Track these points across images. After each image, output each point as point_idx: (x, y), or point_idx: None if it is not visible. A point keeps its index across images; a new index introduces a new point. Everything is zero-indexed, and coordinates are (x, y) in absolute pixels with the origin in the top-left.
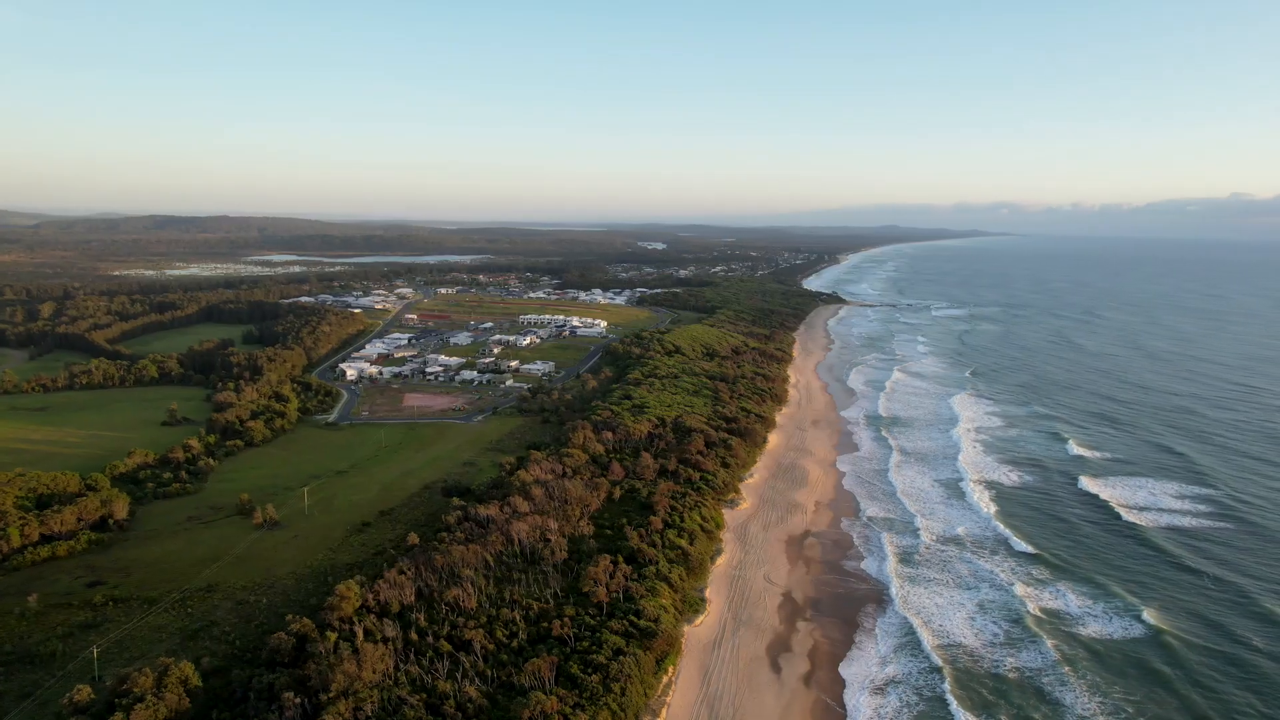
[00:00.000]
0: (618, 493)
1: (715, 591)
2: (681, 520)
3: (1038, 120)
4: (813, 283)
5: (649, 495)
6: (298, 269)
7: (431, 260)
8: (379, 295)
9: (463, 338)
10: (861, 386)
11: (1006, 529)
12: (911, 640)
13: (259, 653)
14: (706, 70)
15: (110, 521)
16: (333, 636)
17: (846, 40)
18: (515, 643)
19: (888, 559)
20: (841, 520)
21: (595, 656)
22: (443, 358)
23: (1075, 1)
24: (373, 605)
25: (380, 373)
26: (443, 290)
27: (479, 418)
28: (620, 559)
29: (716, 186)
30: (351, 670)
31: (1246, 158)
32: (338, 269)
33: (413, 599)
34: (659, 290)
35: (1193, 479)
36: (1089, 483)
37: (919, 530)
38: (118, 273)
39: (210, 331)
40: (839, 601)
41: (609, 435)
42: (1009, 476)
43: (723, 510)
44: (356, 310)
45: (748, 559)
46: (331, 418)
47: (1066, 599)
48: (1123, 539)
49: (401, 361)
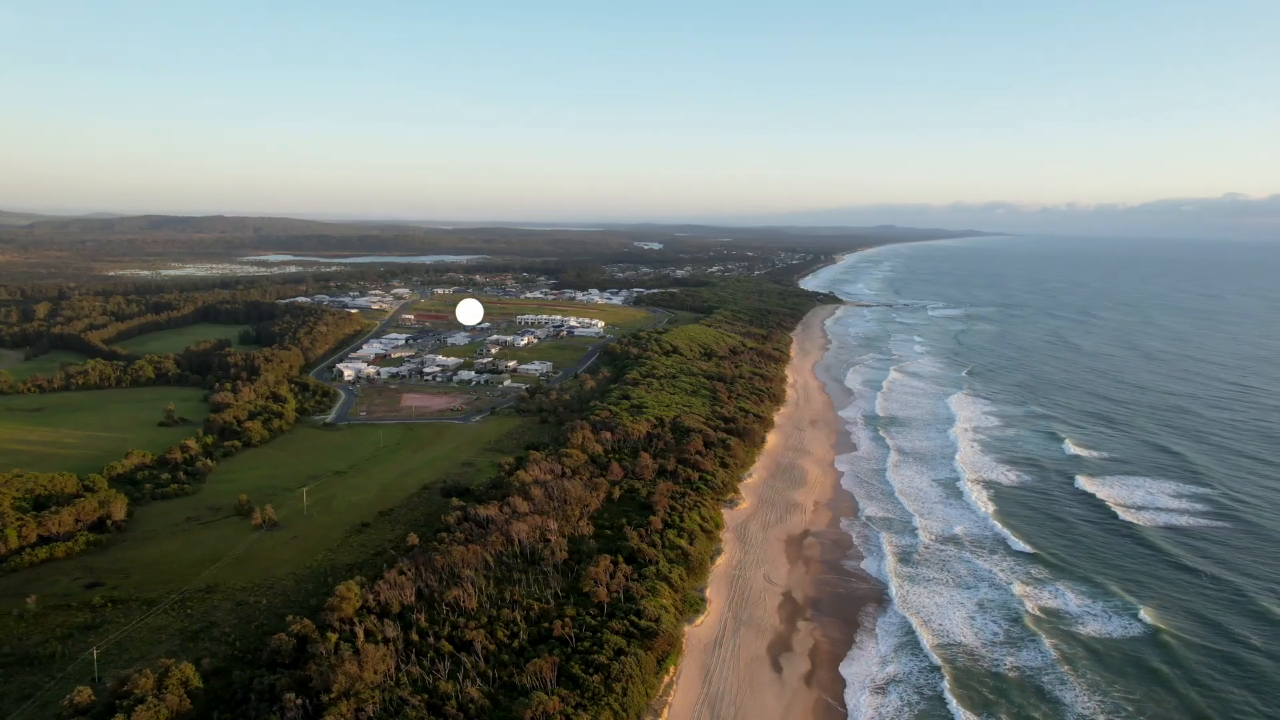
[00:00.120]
0: (617, 493)
1: (715, 591)
2: (681, 520)
3: (1034, 120)
4: (809, 283)
5: (648, 495)
6: (294, 269)
7: (428, 260)
8: (375, 295)
9: (460, 338)
10: (859, 386)
11: (1004, 528)
12: (911, 640)
13: (259, 654)
14: (702, 70)
15: (108, 523)
16: (333, 637)
17: (844, 40)
18: (516, 643)
19: (886, 558)
20: (841, 520)
21: (597, 657)
22: (440, 358)
23: (1074, 2)
24: (373, 606)
25: (378, 373)
26: (439, 290)
27: (477, 418)
28: (620, 559)
29: (712, 186)
30: (353, 671)
31: (1241, 158)
32: (334, 269)
33: (413, 599)
34: (656, 290)
35: (1189, 478)
36: (1086, 482)
37: (917, 530)
38: (113, 273)
39: (206, 332)
40: (839, 601)
41: (608, 435)
42: (1006, 476)
43: (722, 510)
44: (353, 310)
45: (747, 559)
46: (329, 418)
47: (1064, 598)
48: (1120, 538)
49: (399, 362)
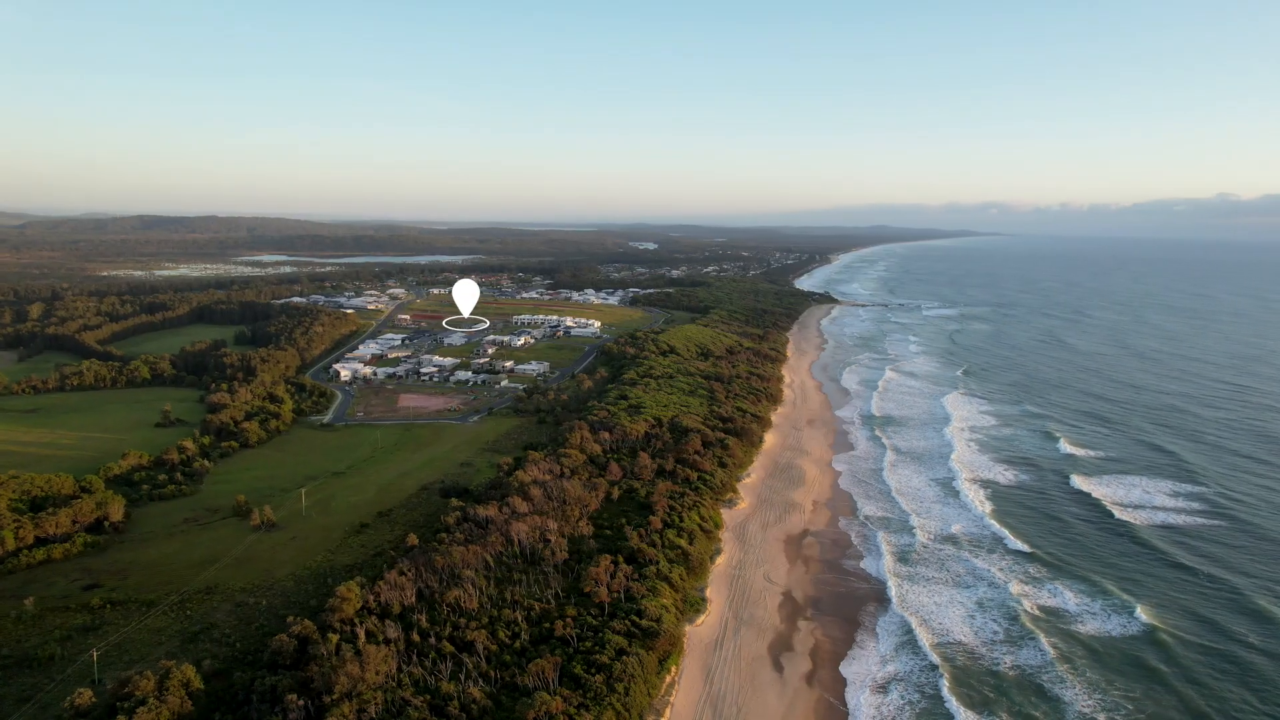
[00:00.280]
0: (616, 493)
1: (716, 591)
2: (680, 520)
3: (1027, 121)
4: (805, 282)
5: (647, 495)
6: (288, 269)
7: (423, 260)
8: (371, 296)
9: (456, 338)
10: (856, 386)
11: (1001, 527)
12: (911, 639)
13: (260, 655)
14: (695, 71)
15: (106, 524)
16: (334, 638)
17: (840, 41)
18: (518, 643)
19: (884, 558)
20: (840, 519)
21: (598, 657)
22: (437, 358)
23: (1069, 2)
24: (374, 607)
25: (374, 373)
26: (435, 290)
27: (475, 418)
28: (620, 559)
29: (707, 187)
30: (355, 672)
31: (1232, 159)
32: (329, 269)
33: (414, 600)
34: (652, 290)
35: (1184, 477)
36: (1081, 481)
37: (915, 529)
38: (106, 273)
39: (202, 332)
40: (839, 600)
41: (606, 435)
42: (1002, 475)
43: (721, 510)
44: (349, 311)
45: (747, 558)
46: (326, 418)
47: (1062, 597)
48: (1116, 537)
49: (395, 362)
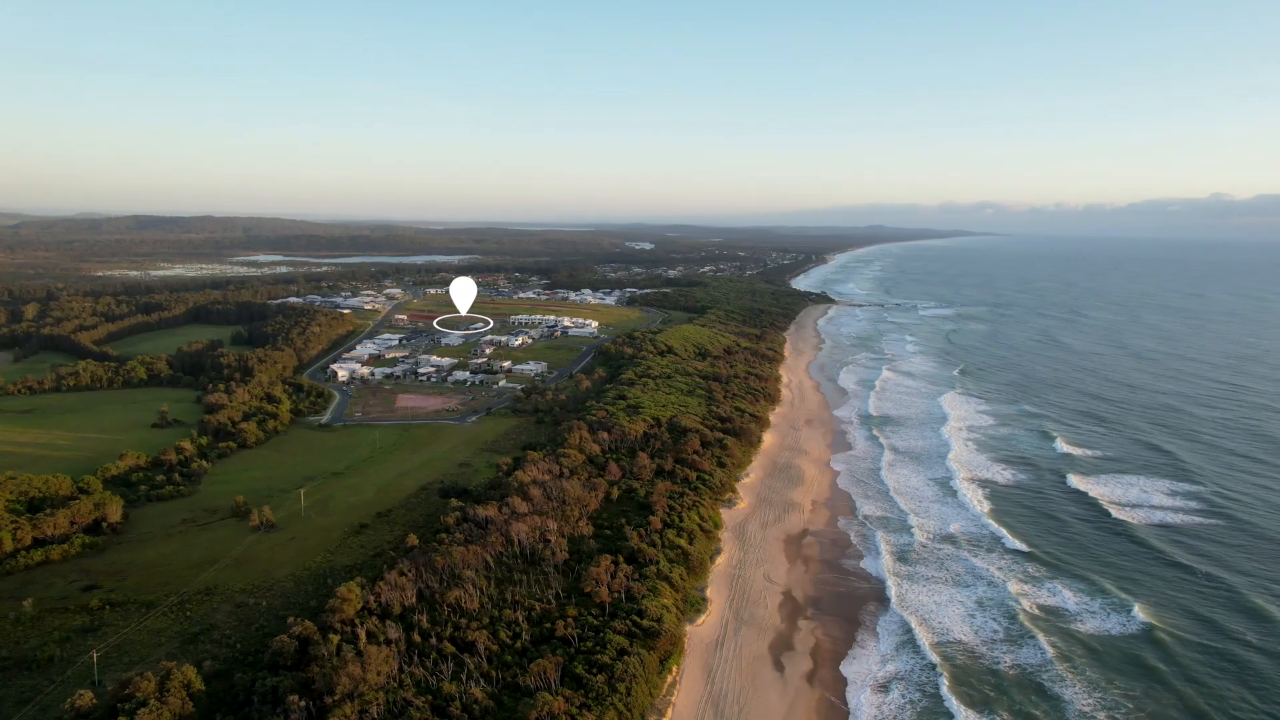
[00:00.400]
0: (615, 493)
1: (716, 591)
2: (680, 520)
3: (1022, 121)
4: (801, 282)
5: (647, 495)
6: (284, 269)
7: (419, 260)
8: (368, 296)
9: (454, 338)
10: (853, 386)
11: (999, 527)
12: (911, 638)
13: (261, 655)
14: (691, 71)
15: (104, 525)
16: (335, 639)
17: (836, 41)
18: (519, 644)
19: (883, 557)
20: (839, 519)
21: (600, 657)
22: (434, 358)
23: (1065, 3)
24: (374, 607)
25: (372, 373)
26: (432, 290)
27: (473, 418)
28: (621, 559)
29: (703, 187)
30: (356, 672)
31: (1227, 159)
32: (325, 269)
33: (414, 600)
34: (649, 290)
35: (1180, 476)
36: (1078, 481)
37: (913, 529)
38: (101, 273)
39: (198, 332)
40: (839, 600)
41: (605, 435)
42: (999, 475)
43: (720, 510)
44: (346, 311)
45: (747, 558)
46: (324, 419)
47: (1060, 596)
48: (1113, 536)
49: (393, 362)
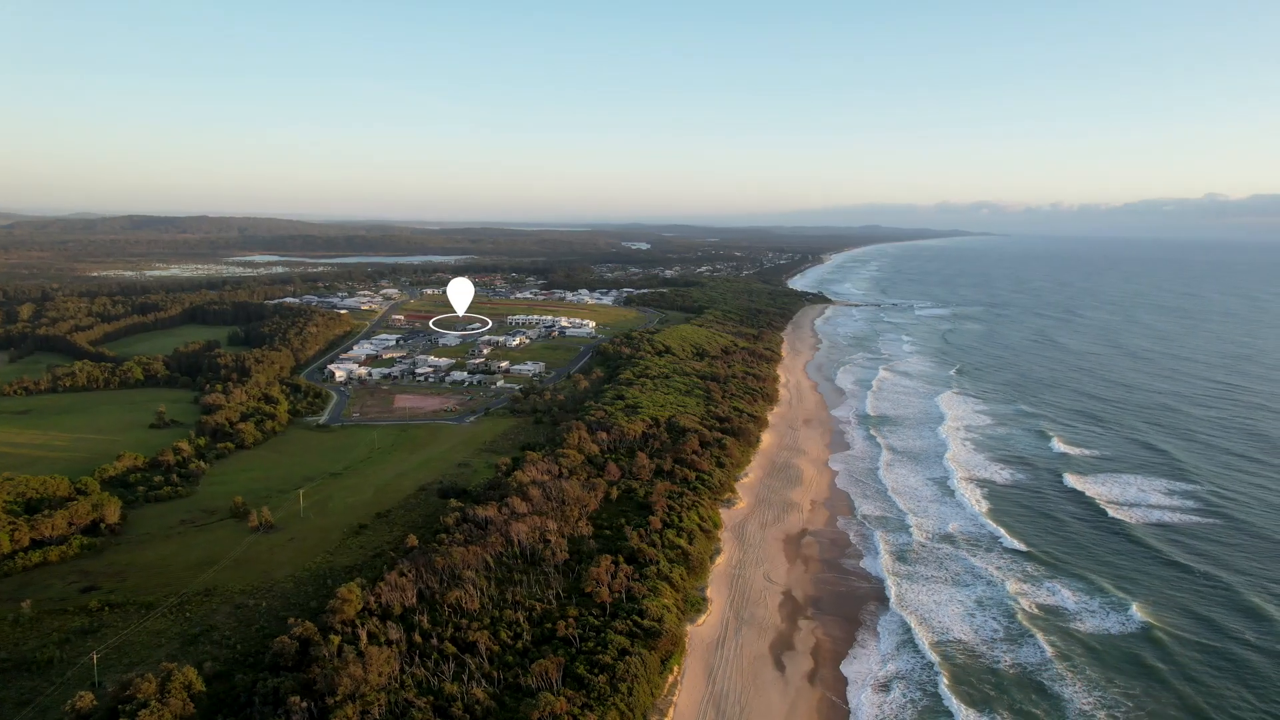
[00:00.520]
0: (615, 493)
1: (716, 591)
2: (680, 520)
3: (1018, 121)
4: (797, 282)
5: (646, 495)
6: (280, 270)
7: (415, 261)
8: (364, 296)
9: (451, 338)
10: (851, 385)
11: (997, 526)
12: (911, 638)
13: (261, 656)
14: (687, 72)
15: (102, 526)
16: (336, 640)
17: (831, 41)
18: (520, 644)
19: (882, 557)
20: (838, 519)
21: (601, 657)
22: (432, 359)
23: (1061, 3)
24: (375, 608)
25: (369, 374)
26: (428, 291)
27: (471, 419)
28: (621, 559)
29: (699, 187)
30: (357, 673)
31: (1221, 159)
32: (321, 269)
33: (414, 601)
34: (645, 290)
35: (1176, 475)
36: (1075, 480)
37: (911, 528)
38: (96, 273)
39: (194, 333)
40: (839, 599)
41: (603, 435)
42: (997, 474)
43: (720, 509)
44: (342, 311)
45: (747, 558)
46: (322, 419)
47: (1059, 595)
48: (1110, 535)
49: (390, 362)
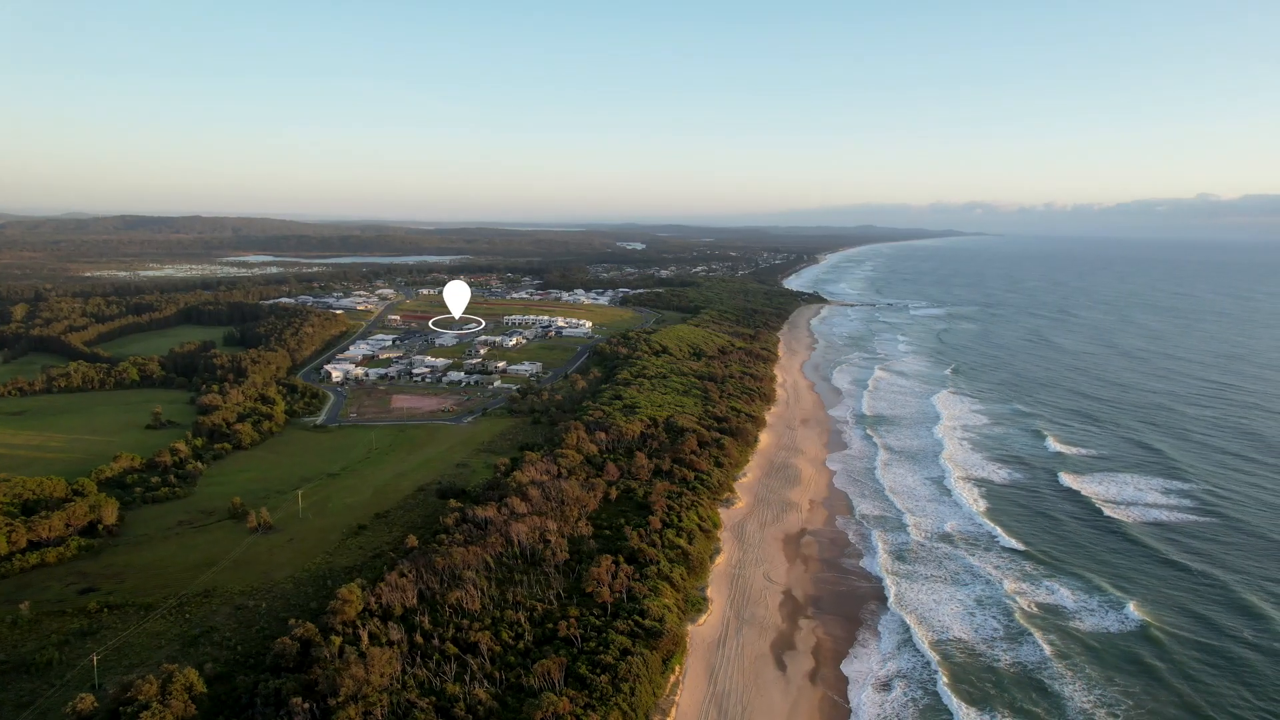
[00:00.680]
0: (614, 493)
1: (716, 590)
2: (679, 520)
3: (1012, 122)
4: (793, 282)
5: (645, 495)
6: (275, 270)
7: (411, 261)
8: (360, 296)
9: (448, 338)
10: (847, 385)
11: (994, 525)
12: (910, 637)
13: (262, 658)
14: (683, 73)
15: (99, 527)
16: (337, 640)
17: (827, 41)
18: (522, 644)
19: (880, 556)
20: (837, 518)
21: (603, 657)
22: (429, 359)
23: (1057, 4)
24: (375, 608)
25: (366, 374)
26: (425, 291)
27: (469, 419)
28: (621, 559)
29: (694, 187)
30: (359, 674)
31: (1213, 160)
32: (316, 270)
33: (415, 601)
34: (642, 290)
35: (1171, 474)
36: (1071, 479)
37: (909, 528)
38: (89, 274)
39: (190, 333)
40: (839, 599)
41: (602, 435)
42: (993, 473)
43: (719, 509)
44: (338, 311)
45: (746, 558)
46: (320, 420)
47: (1056, 594)
48: (1106, 534)
49: (387, 363)
